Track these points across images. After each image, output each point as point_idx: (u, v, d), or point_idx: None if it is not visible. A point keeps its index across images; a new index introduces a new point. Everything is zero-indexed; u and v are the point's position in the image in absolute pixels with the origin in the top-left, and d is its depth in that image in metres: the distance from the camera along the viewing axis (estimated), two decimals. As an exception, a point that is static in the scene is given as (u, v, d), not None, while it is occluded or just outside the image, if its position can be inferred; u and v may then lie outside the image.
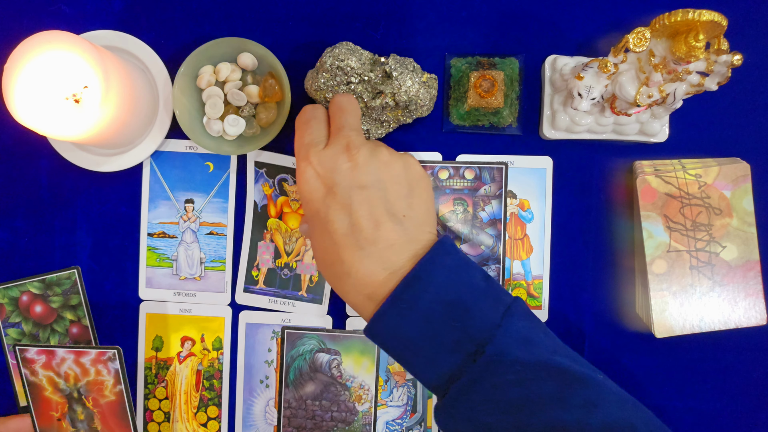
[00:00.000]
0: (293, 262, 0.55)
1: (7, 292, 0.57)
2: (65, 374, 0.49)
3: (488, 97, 0.54)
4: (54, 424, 0.50)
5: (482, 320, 0.40)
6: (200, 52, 0.52)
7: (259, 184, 0.55)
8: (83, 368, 0.49)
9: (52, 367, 0.49)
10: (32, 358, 0.49)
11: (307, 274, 0.55)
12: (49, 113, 0.45)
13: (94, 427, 0.50)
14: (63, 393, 0.50)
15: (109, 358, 0.49)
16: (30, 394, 0.50)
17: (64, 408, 0.50)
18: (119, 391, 0.50)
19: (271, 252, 0.55)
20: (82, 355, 0.50)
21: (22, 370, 0.50)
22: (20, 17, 0.57)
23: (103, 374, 0.49)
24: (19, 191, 0.58)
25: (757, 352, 0.57)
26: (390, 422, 0.58)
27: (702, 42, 0.42)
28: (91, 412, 0.50)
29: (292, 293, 0.55)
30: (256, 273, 0.56)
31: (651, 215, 0.54)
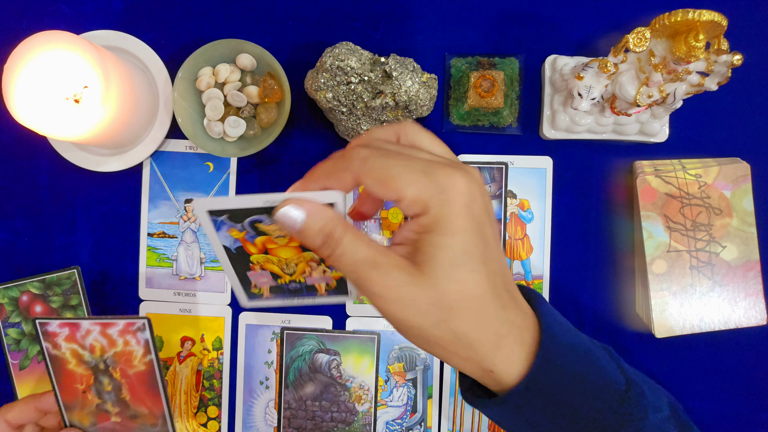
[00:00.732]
0: (300, 278, 0.41)
1: (7, 292, 0.57)
2: (91, 346, 0.47)
3: (488, 97, 0.54)
4: (78, 397, 0.48)
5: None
6: (198, 54, 0.52)
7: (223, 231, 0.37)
8: (110, 339, 0.47)
9: (77, 339, 0.47)
10: (54, 332, 0.47)
11: (322, 283, 0.41)
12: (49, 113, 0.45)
13: (122, 397, 0.48)
14: (88, 365, 0.48)
15: (139, 329, 0.47)
16: (52, 367, 0.48)
17: (90, 380, 0.48)
18: (149, 361, 0.48)
19: (268, 276, 0.40)
20: (109, 326, 0.47)
21: (43, 344, 0.48)
22: (20, 17, 0.57)
23: (131, 345, 0.47)
24: (19, 191, 0.58)
25: (757, 352, 0.57)
26: (390, 422, 0.58)
27: (702, 42, 0.42)
28: (118, 382, 0.48)
29: (309, 294, 0.42)
30: (257, 290, 0.42)
31: (651, 215, 0.54)
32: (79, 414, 0.49)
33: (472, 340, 0.32)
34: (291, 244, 0.38)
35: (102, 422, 0.49)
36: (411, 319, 0.32)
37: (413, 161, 0.32)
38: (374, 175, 0.31)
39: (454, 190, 0.31)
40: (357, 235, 0.33)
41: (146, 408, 0.49)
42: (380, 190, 0.32)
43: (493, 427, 0.58)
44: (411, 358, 0.58)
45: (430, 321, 0.32)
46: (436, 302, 0.32)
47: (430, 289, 0.31)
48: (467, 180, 0.32)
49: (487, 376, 0.34)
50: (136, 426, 0.49)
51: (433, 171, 0.31)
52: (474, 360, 0.33)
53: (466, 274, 0.32)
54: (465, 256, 0.32)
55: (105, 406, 0.49)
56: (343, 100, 0.51)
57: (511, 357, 0.33)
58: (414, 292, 0.32)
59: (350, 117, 0.53)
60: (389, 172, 0.31)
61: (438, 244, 0.31)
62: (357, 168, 0.32)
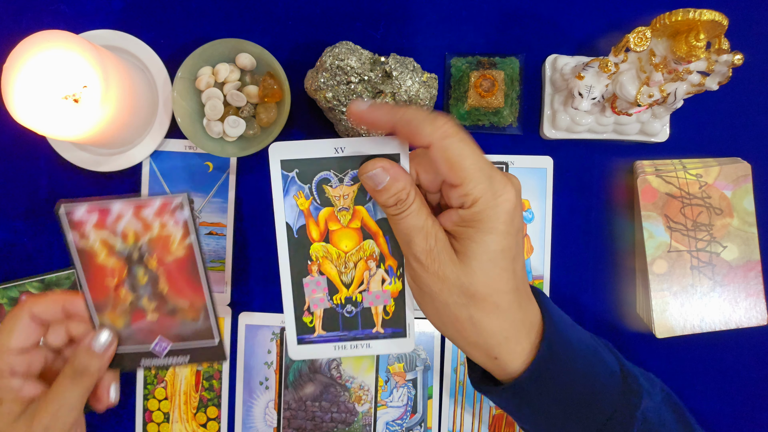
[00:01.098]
0: (356, 294, 0.40)
1: (6, 293, 0.57)
2: (123, 233, 0.41)
3: (488, 97, 0.54)
4: (110, 295, 0.43)
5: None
6: (198, 54, 0.52)
7: (290, 196, 0.38)
8: (145, 223, 0.41)
9: (107, 226, 0.41)
10: (81, 220, 0.41)
11: (378, 306, 0.40)
12: (49, 113, 0.45)
13: (159, 290, 0.43)
14: (120, 256, 0.42)
15: (177, 207, 0.41)
16: (79, 261, 0.42)
17: (122, 273, 0.42)
18: (188, 245, 0.42)
19: (324, 288, 0.40)
20: (144, 207, 0.41)
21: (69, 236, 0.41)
22: (20, 17, 0.57)
23: (168, 227, 0.41)
24: (19, 191, 0.58)
25: (758, 352, 0.57)
26: (390, 423, 0.58)
27: (703, 42, 0.42)
28: (154, 273, 0.42)
29: (364, 332, 0.40)
30: (310, 318, 0.41)
31: (651, 215, 0.54)
32: (111, 315, 0.43)
33: (484, 328, 0.36)
34: (352, 224, 0.39)
35: (137, 321, 0.43)
36: (438, 293, 0.36)
37: (483, 160, 0.35)
38: (448, 155, 0.34)
39: (504, 197, 0.35)
40: (423, 204, 0.37)
41: (186, 300, 0.43)
42: (445, 169, 0.34)
43: (493, 427, 0.58)
44: (411, 358, 0.58)
45: (454, 300, 0.35)
46: (464, 287, 0.35)
47: (463, 275, 0.35)
48: (515, 194, 0.35)
49: (491, 363, 0.37)
50: (175, 323, 0.43)
51: (494, 176, 0.35)
52: (482, 347, 0.36)
53: (498, 271, 0.35)
54: (500, 255, 0.35)
55: (140, 302, 0.43)
56: (343, 99, 0.51)
57: (516, 349, 0.36)
58: (449, 272, 0.35)
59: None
60: (462, 162, 0.34)
61: (479, 240, 0.35)
62: (438, 138, 0.34)
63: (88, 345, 0.42)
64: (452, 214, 0.36)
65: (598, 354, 0.40)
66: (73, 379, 0.41)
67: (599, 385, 0.38)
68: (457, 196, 0.35)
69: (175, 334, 0.43)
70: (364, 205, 0.38)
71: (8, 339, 0.41)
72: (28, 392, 0.42)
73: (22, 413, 0.41)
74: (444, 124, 0.34)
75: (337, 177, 0.38)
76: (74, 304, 0.42)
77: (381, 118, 0.36)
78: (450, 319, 0.36)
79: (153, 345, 0.44)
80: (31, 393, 0.42)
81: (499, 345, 0.36)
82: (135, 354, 0.44)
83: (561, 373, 0.37)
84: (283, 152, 0.37)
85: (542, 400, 0.37)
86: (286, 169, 0.37)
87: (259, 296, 0.58)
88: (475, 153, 0.35)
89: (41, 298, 0.42)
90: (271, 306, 0.58)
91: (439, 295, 0.36)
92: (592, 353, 0.39)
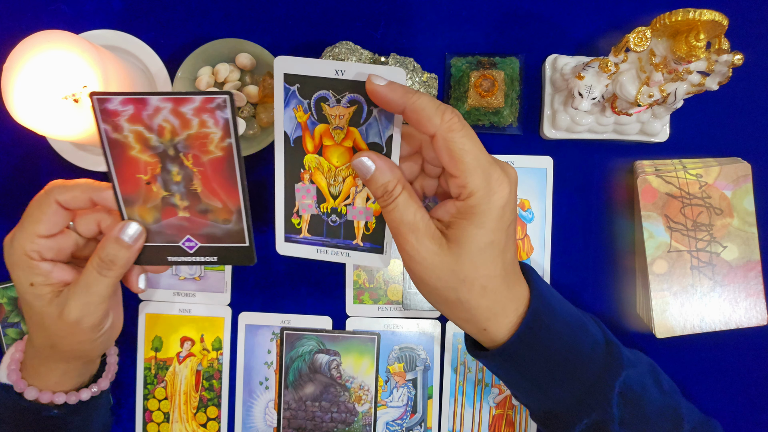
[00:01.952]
0: (342, 206, 0.43)
1: (6, 292, 0.57)
2: (159, 128, 0.39)
3: (488, 97, 0.54)
4: (141, 189, 0.41)
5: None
6: (197, 54, 0.52)
7: (290, 108, 0.40)
8: (183, 119, 0.39)
9: (142, 119, 0.39)
10: (115, 110, 0.39)
11: (361, 221, 0.43)
12: (48, 113, 0.45)
13: (193, 188, 0.41)
14: (155, 150, 0.40)
15: (218, 106, 0.38)
16: (111, 153, 0.40)
17: (156, 169, 0.40)
18: (227, 146, 0.40)
19: (313, 195, 0.43)
20: (184, 103, 0.38)
21: (101, 126, 0.39)
22: (19, 17, 0.57)
23: (208, 125, 0.39)
24: (19, 191, 0.58)
25: (758, 353, 0.57)
26: (390, 423, 0.58)
27: (703, 41, 0.42)
28: (190, 171, 0.41)
29: (345, 242, 0.43)
30: (297, 221, 0.44)
31: (652, 215, 0.54)
32: (140, 209, 0.42)
33: (473, 306, 0.39)
34: (345, 143, 0.41)
35: (167, 218, 0.42)
36: (430, 280, 0.39)
37: (483, 156, 0.37)
38: (450, 147, 0.36)
39: (499, 194, 0.37)
40: (410, 198, 0.39)
41: (220, 201, 0.42)
42: (446, 160, 0.37)
43: (493, 427, 0.58)
44: (411, 358, 0.58)
45: (445, 285, 0.39)
46: (454, 273, 0.38)
47: (453, 262, 0.38)
48: (510, 190, 0.38)
49: (481, 335, 0.41)
50: (206, 222, 0.42)
51: (491, 172, 0.37)
52: (471, 321, 0.40)
53: (486, 261, 0.38)
54: (489, 246, 0.38)
55: (172, 199, 0.42)
56: (343, 99, 0.51)
57: (504, 321, 0.40)
58: (439, 261, 0.38)
59: (350, 117, 0.53)
60: (464, 156, 0.36)
61: (470, 233, 0.37)
62: (443, 130, 0.36)
63: (116, 235, 0.41)
64: (449, 206, 0.39)
65: (584, 325, 0.43)
66: (100, 269, 0.41)
67: (583, 353, 0.41)
68: (455, 186, 0.38)
69: (205, 234, 0.43)
70: (357, 127, 0.40)
71: (35, 225, 0.41)
72: (58, 276, 0.42)
73: (56, 296, 0.42)
74: (451, 118, 0.37)
75: (335, 97, 0.40)
76: (102, 195, 0.42)
77: (395, 99, 0.37)
78: (441, 299, 0.40)
79: (181, 241, 0.43)
80: (62, 277, 0.42)
81: (488, 320, 0.40)
82: (163, 248, 0.43)
83: (545, 339, 0.40)
84: (287, 66, 0.39)
85: (528, 365, 0.41)
86: (288, 83, 0.40)
87: (259, 296, 0.58)
88: (476, 148, 0.37)
89: (67, 186, 0.41)
90: (271, 306, 0.58)
91: (429, 281, 0.39)
92: (577, 323, 0.42)
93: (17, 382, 0.45)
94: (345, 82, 0.39)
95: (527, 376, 0.42)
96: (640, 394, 0.43)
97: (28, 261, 0.41)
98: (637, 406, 0.42)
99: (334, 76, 0.39)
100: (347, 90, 0.39)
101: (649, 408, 0.43)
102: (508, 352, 0.40)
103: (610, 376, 0.42)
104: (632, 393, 0.42)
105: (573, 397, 0.42)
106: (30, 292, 0.41)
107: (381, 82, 0.37)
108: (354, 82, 0.39)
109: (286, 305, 0.58)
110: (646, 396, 0.43)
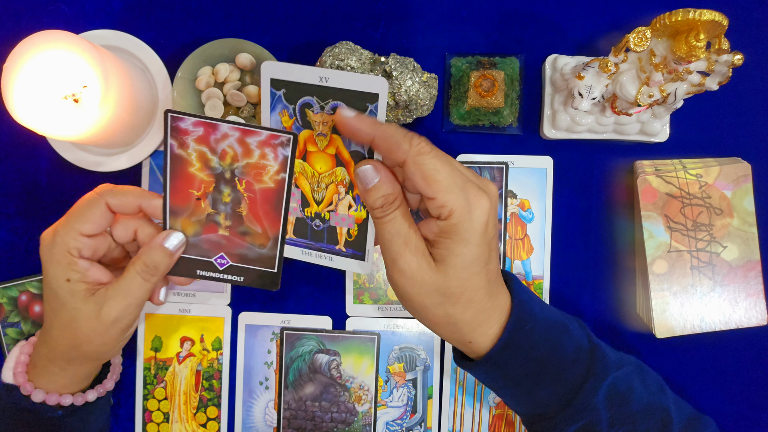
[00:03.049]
0: (325, 212, 0.44)
1: (6, 292, 0.57)
2: (222, 152, 0.43)
3: (488, 97, 0.54)
4: (190, 203, 0.44)
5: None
6: (198, 54, 0.52)
7: (276, 112, 0.42)
8: (246, 148, 0.42)
9: (209, 142, 0.42)
10: (186, 129, 0.42)
11: (343, 227, 0.44)
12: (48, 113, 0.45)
13: (239, 211, 0.44)
14: (213, 171, 0.43)
15: (282, 143, 0.42)
16: (170, 166, 0.43)
17: (209, 187, 0.44)
18: (281, 180, 0.43)
19: (298, 199, 0.45)
20: (251, 134, 0.42)
21: (168, 140, 0.42)
22: (19, 17, 0.57)
23: (268, 158, 0.42)
24: (19, 191, 0.58)
25: (758, 353, 0.57)
26: (390, 423, 0.58)
27: (703, 42, 0.42)
28: (240, 195, 0.44)
29: (329, 246, 0.45)
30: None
31: (652, 215, 0.54)
32: (184, 221, 0.44)
33: (457, 320, 0.40)
34: (328, 150, 0.42)
35: (207, 233, 0.45)
36: (417, 297, 0.39)
37: (456, 174, 0.38)
38: (422, 170, 0.37)
39: (478, 210, 0.38)
40: (407, 212, 0.40)
41: (261, 227, 0.44)
42: (420, 184, 0.37)
43: (493, 427, 0.58)
44: (411, 358, 0.58)
45: (432, 301, 0.39)
46: (440, 289, 0.39)
47: (440, 280, 0.39)
48: (490, 204, 0.38)
49: (466, 347, 0.42)
50: (243, 243, 0.45)
51: (468, 189, 0.38)
52: (457, 335, 0.41)
53: (471, 275, 0.39)
54: (473, 262, 0.38)
55: (216, 217, 0.44)
56: (343, 99, 0.51)
57: (488, 332, 0.41)
58: (427, 278, 0.39)
59: (350, 117, 0.53)
60: (437, 176, 0.37)
61: (454, 250, 0.38)
62: (412, 155, 0.37)
63: (161, 243, 0.43)
64: (432, 225, 0.39)
65: (567, 329, 0.43)
66: (144, 275, 0.43)
67: (566, 357, 0.42)
68: (434, 208, 0.38)
69: (239, 254, 0.45)
70: (340, 135, 0.41)
71: (82, 224, 0.42)
72: (94, 275, 0.43)
73: (90, 295, 0.43)
74: (419, 142, 0.37)
75: (319, 104, 0.41)
76: (152, 203, 0.44)
77: (363, 129, 0.38)
78: (427, 315, 0.40)
79: (215, 257, 0.45)
80: (97, 276, 0.43)
81: (473, 331, 0.41)
82: (195, 261, 0.45)
83: (528, 344, 0.41)
84: (274, 71, 0.41)
85: (513, 371, 0.42)
86: (275, 87, 0.41)
87: (259, 296, 0.58)
88: (448, 167, 0.37)
89: (120, 190, 0.43)
90: (271, 306, 0.58)
91: (417, 297, 0.39)
92: (559, 327, 0.43)
93: (24, 385, 0.45)
94: (329, 89, 0.40)
95: (513, 383, 0.43)
96: (626, 395, 0.43)
97: (69, 257, 0.42)
98: (624, 407, 0.43)
99: (318, 83, 0.40)
100: (331, 97, 0.40)
101: (637, 408, 0.43)
102: (493, 360, 0.41)
103: (596, 379, 0.42)
104: (619, 394, 0.43)
105: (559, 401, 0.43)
106: (66, 288, 0.42)
107: (349, 114, 0.38)
108: (338, 90, 0.40)
109: (286, 305, 0.58)
110: (633, 397, 0.43)
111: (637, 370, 0.46)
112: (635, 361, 0.47)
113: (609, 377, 0.43)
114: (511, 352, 0.41)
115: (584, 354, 0.43)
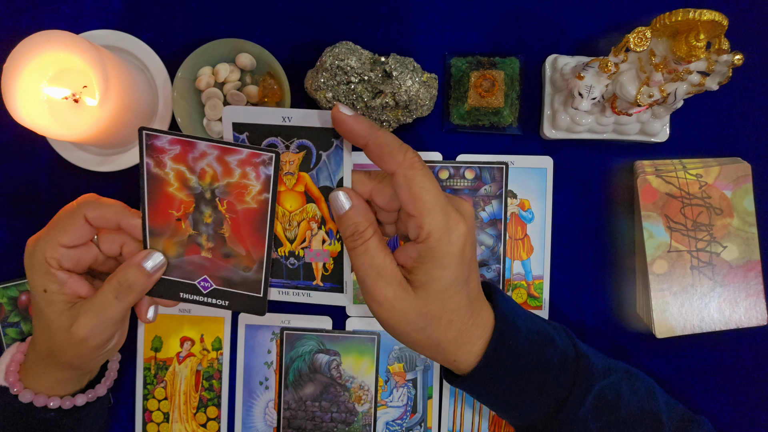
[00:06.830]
0: (299, 249, 0.44)
1: (6, 292, 0.57)
2: (201, 171, 0.41)
3: (488, 97, 0.54)
4: (170, 224, 0.42)
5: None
6: (198, 54, 0.52)
7: None
8: (226, 167, 0.41)
9: (187, 161, 0.41)
10: (162, 147, 0.40)
11: (319, 262, 0.44)
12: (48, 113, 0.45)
13: (221, 232, 0.42)
14: (192, 191, 0.42)
15: (263, 162, 0.40)
16: (147, 186, 0.42)
17: (189, 208, 0.42)
18: (264, 200, 0.41)
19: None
20: (231, 153, 0.40)
21: (144, 159, 0.41)
22: (19, 17, 0.57)
23: (249, 178, 0.41)
24: (19, 191, 0.58)
25: (758, 353, 0.57)
26: (390, 423, 0.58)
27: (703, 42, 0.42)
28: (221, 216, 0.42)
29: (305, 283, 0.45)
30: None
31: (652, 215, 0.54)
32: (165, 242, 0.43)
33: (440, 341, 0.40)
34: (297, 188, 0.42)
35: (190, 255, 0.43)
36: (398, 325, 0.39)
37: (441, 196, 0.38)
38: (410, 185, 0.37)
39: (456, 233, 0.38)
40: (380, 243, 0.39)
41: (245, 249, 0.43)
42: (405, 198, 0.37)
43: (493, 427, 0.58)
44: (411, 358, 0.58)
45: (414, 327, 0.39)
46: (420, 314, 0.39)
47: (419, 305, 0.38)
48: (467, 228, 0.38)
49: (452, 365, 0.42)
50: (227, 266, 0.43)
51: (449, 213, 0.38)
52: (441, 355, 0.41)
53: (452, 296, 0.39)
54: (452, 284, 0.38)
55: (198, 238, 0.43)
56: (343, 99, 0.51)
57: (472, 350, 0.41)
58: (405, 305, 0.38)
59: (350, 117, 0.53)
60: (423, 195, 0.37)
61: (433, 275, 0.38)
62: (404, 168, 0.37)
63: (139, 262, 0.42)
64: (410, 250, 0.39)
65: (551, 340, 0.43)
66: (118, 294, 0.42)
67: (551, 369, 0.42)
68: (413, 226, 0.38)
69: (223, 278, 0.44)
70: (308, 172, 0.41)
71: (61, 235, 0.41)
72: (72, 287, 0.42)
73: (67, 307, 0.42)
74: (413, 156, 0.37)
75: (284, 144, 0.41)
76: (130, 221, 0.42)
77: (359, 131, 0.38)
78: (410, 339, 0.40)
79: (198, 280, 0.44)
80: (76, 288, 0.42)
81: (456, 351, 0.41)
82: (178, 283, 0.44)
83: (511, 358, 0.41)
84: (235, 116, 0.40)
85: (498, 385, 0.42)
86: (237, 131, 0.41)
87: (259, 296, 0.58)
88: (435, 188, 0.37)
89: (99, 204, 0.42)
90: (271, 306, 0.58)
91: (397, 326, 0.39)
92: (543, 339, 0.43)
93: (13, 384, 0.45)
94: (292, 128, 0.40)
95: (499, 397, 0.43)
96: (615, 403, 0.43)
97: (47, 267, 0.41)
98: (613, 415, 0.43)
99: (281, 122, 0.40)
100: (295, 136, 0.40)
101: (626, 415, 0.43)
102: (478, 377, 0.41)
103: (581, 390, 0.42)
104: (606, 403, 0.43)
105: (546, 414, 0.43)
106: (43, 298, 0.41)
107: (348, 112, 0.38)
108: (301, 128, 0.40)
109: (286, 305, 0.58)
110: (621, 404, 0.43)
111: (625, 377, 0.45)
112: (624, 367, 0.47)
113: (595, 387, 0.43)
114: (495, 368, 0.41)
115: (569, 365, 0.43)
